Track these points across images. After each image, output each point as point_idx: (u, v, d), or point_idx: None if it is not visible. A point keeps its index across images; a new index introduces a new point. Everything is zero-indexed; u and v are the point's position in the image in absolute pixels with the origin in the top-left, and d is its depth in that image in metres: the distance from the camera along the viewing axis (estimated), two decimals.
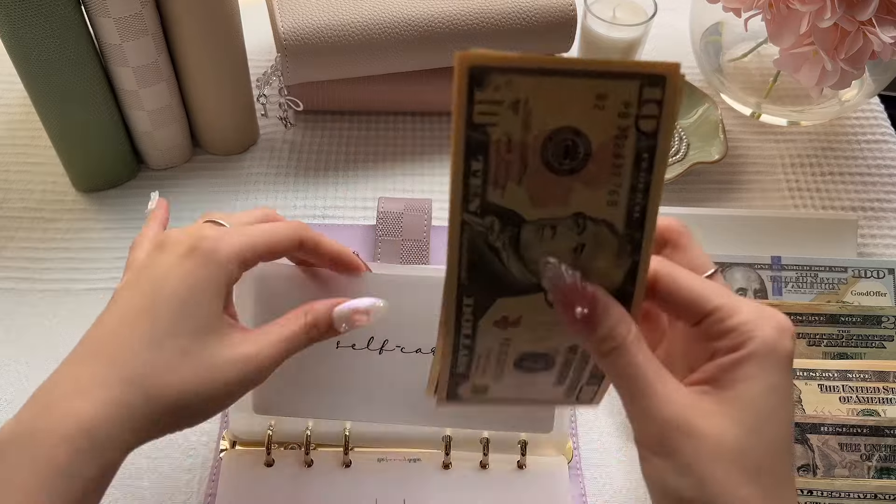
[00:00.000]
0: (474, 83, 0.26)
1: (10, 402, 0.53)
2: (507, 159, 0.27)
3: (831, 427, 0.48)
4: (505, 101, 0.26)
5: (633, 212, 0.29)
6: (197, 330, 0.36)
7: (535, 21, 0.65)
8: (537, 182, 0.28)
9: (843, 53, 0.56)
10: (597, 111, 0.26)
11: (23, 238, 0.62)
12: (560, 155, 0.27)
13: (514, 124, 0.27)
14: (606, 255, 0.29)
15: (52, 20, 0.53)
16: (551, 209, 0.28)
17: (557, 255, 0.29)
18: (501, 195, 0.28)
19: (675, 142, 0.68)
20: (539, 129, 0.27)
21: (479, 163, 0.28)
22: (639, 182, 0.28)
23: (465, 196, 0.28)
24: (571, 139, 0.27)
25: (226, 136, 0.67)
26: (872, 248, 0.64)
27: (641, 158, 0.27)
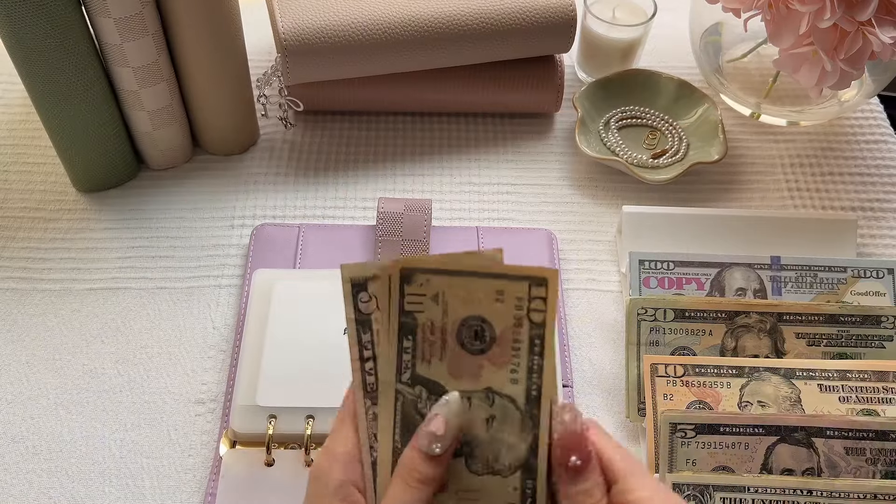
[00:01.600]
0: (404, 280, 0.33)
1: (10, 403, 0.53)
2: (431, 339, 0.34)
3: (836, 431, 0.48)
4: (428, 294, 0.33)
5: (531, 390, 0.34)
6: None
7: (534, 21, 0.65)
8: (455, 359, 0.34)
9: (842, 54, 0.56)
10: (498, 304, 0.33)
11: (23, 238, 0.62)
12: (471, 337, 0.34)
13: (435, 312, 0.34)
14: (512, 428, 0.34)
15: (52, 20, 0.54)
16: (466, 383, 0.34)
17: (473, 425, 0.34)
18: (427, 368, 0.34)
19: (674, 142, 0.69)
20: (454, 316, 0.34)
21: (409, 342, 0.34)
22: (533, 364, 0.34)
23: (399, 368, 0.34)
24: (480, 325, 0.34)
25: (226, 136, 0.67)
26: (872, 248, 0.64)
27: (534, 344, 0.34)
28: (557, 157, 0.69)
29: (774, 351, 0.54)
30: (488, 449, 0.34)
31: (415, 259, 0.34)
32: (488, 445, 0.34)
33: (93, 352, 0.56)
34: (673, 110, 0.70)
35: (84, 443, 0.52)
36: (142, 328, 0.57)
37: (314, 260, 0.60)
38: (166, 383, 0.55)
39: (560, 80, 0.69)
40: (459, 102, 0.70)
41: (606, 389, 0.55)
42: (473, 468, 0.35)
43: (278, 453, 0.50)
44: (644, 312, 0.54)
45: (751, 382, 0.51)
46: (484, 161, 0.69)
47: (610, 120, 0.70)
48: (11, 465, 0.51)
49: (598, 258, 0.62)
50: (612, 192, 0.67)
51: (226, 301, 0.59)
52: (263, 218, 0.64)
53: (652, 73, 0.71)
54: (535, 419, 0.34)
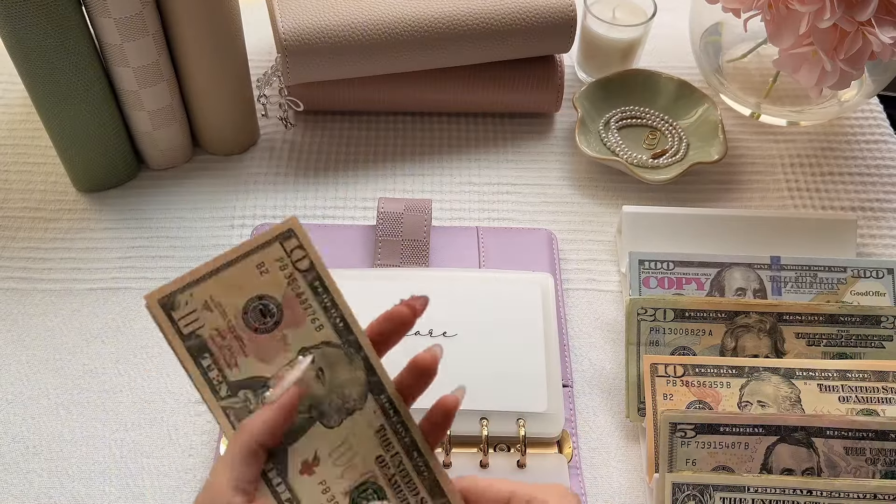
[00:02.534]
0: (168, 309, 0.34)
1: (10, 402, 0.53)
2: (226, 345, 0.34)
3: (836, 431, 0.48)
4: (197, 308, 0.34)
5: (336, 323, 0.35)
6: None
7: (534, 21, 0.65)
8: (257, 347, 0.35)
9: (842, 54, 0.56)
10: (265, 275, 0.35)
11: (24, 238, 0.62)
12: (260, 317, 0.35)
13: (214, 318, 0.34)
14: (342, 366, 0.36)
15: (52, 20, 0.54)
16: (280, 359, 0.35)
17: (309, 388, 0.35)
18: (238, 372, 0.35)
19: (674, 142, 0.69)
20: (233, 310, 0.34)
21: (207, 359, 0.34)
22: (325, 303, 0.35)
23: (213, 389, 0.35)
24: (261, 304, 0.35)
25: (226, 136, 0.67)
26: (872, 248, 0.64)
27: (315, 287, 0.35)
28: (557, 157, 0.69)
29: (774, 351, 0.54)
30: (333, 397, 0.35)
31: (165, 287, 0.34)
32: (332, 394, 0.35)
33: (93, 352, 0.56)
34: (673, 110, 0.70)
35: (84, 442, 0.52)
36: (142, 328, 0.57)
37: None
38: (166, 383, 0.55)
39: (560, 80, 0.69)
40: (459, 102, 0.70)
41: (606, 389, 0.55)
42: (331, 423, 0.36)
43: None
44: (644, 312, 0.54)
45: (751, 382, 0.51)
46: (484, 161, 0.69)
47: (610, 120, 0.70)
48: (11, 465, 0.51)
49: (598, 258, 0.62)
50: (612, 192, 0.67)
51: None
52: (263, 218, 0.64)
53: (652, 73, 0.71)
54: (355, 343, 0.35)
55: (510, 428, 0.50)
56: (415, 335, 0.52)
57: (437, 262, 0.60)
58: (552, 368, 0.52)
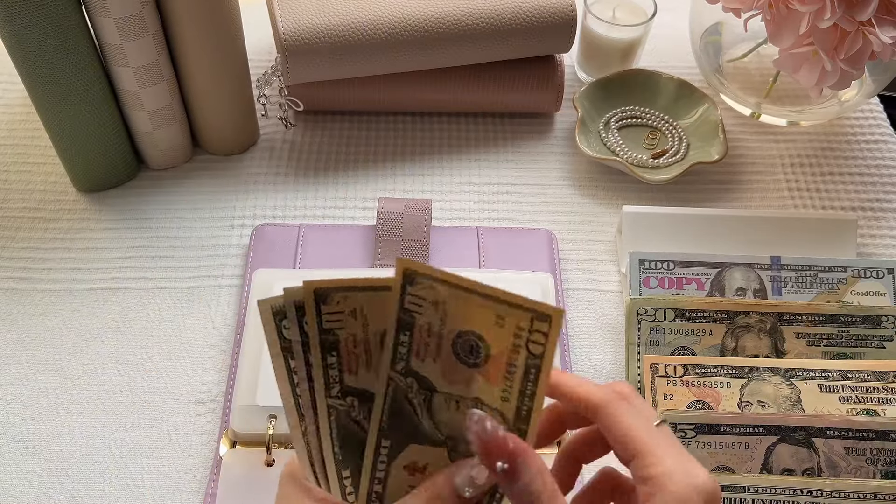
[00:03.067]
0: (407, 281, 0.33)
1: (10, 403, 0.53)
2: (426, 342, 0.34)
3: (836, 431, 0.48)
4: (428, 299, 0.33)
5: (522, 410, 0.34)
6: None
7: (534, 21, 0.65)
8: (447, 365, 0.34)
9: (842, 54, 0.56)
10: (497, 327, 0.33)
11: (23, 238, 0.62)
12: (466, 351, 0.34)
13: (434, 318, 0.34)
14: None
15: (52, 20, 0.54)
16: (457, 388, 0.34)
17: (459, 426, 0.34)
18: (421, 365, 0.34)
19: (674, 142, 0.69)
20: (451, 327, 0.34)
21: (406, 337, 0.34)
22: (526, 389, 0.34)
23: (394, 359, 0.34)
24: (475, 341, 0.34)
25: (226, 136, 0.67)
26: (872, 248, 0.64)
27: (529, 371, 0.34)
28: (557, 157, 0.69)
29: (774, 351, 0.54)
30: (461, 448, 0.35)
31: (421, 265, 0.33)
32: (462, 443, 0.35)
33: (93, 352, 0.56)
34: (673, 110, 0.70)
35: (84, 443, 0.52)
36: (142, 328, 0.57)
37: (314, 260, 0.60)
38: (166, 383, 0.55)
39: (560, 80, 0.69)
40: (459, 102, 0.70)
41: None
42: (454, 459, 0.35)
43: (278, 453, 0.50)
44: (644, 312, 0.54)
45: (751, 382, 0.51)
46: (484, 161, 0.69)
47: (610, 120, 0.70)
48: (11, 465, 0.51)
49: (598, 258, 0.62)
50: (612, 192, 0.67)
51: (226, 301, 0.59)
52: (263, 218, 0.64)
53: (652, 73, 0.71)
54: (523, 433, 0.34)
55: None
56: None
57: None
58: None
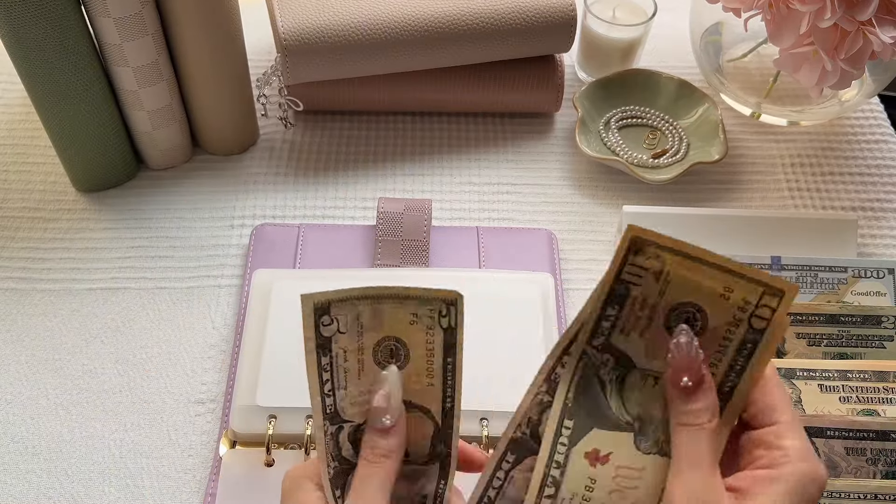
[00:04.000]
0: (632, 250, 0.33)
1: (10, 403, 0.53)
2: (637, 314, 0.33)
3: (837, 431, 0.48)
4: (651, 269, 0.33)
5: (725, 386, 0.33)
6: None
7: (534, 21, 0.65)
8: (655, 339, 0.33)
9: (842, 53, 0.56)
10: (721, 299, 0.32)
11: (23, 238, 0.62)
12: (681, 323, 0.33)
13: (652, 289, 0.33)
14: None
15: (52, 20, 0.54)
16: (659, 363, 0.34)
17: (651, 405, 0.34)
18: (625, 340, 0.34)
19: (674, 141, 0.68)
20: (670, 298, 0.33)
21: (613, 310, 0.34)
22: (737, 364, 0.33)
23: (594, 332, 0.34)
24: (694, 313, 0.33)
25: (226, 136, 0.67)
26: (872, 248, 0.64)
27: (745, 346, 0.33)
28: (557, 157, 0.69)
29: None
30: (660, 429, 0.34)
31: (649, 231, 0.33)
32: (661, 425, 0.34)
33: (93, 352, 0.56)
34: (673, 110, 0.70)
35: (84, 443, 0.52)
36: (142, 328, 0.57)
37: (314, 260, 0.60)
38: (166, 383, 0.54)
39: (560, 80, 0.69)
40: (459, 102, 0.70)
41: None
42: (642, 446, 0.34)
43: (278, 453, 0.50)
44: None
45: None
46: (484, 161, 0.69)
47: (610, 120, 0.70)
48: (11, 465, 0.51)
49: (598, 258, 0.62)
50: (612, 192, 0.67)
51: (226, 301, 0.59)
52: (263, 218, 0.64)
53: (652, 73, 0.71)
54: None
55: None
56: None
57: (437, 262, 0.60)
58: None
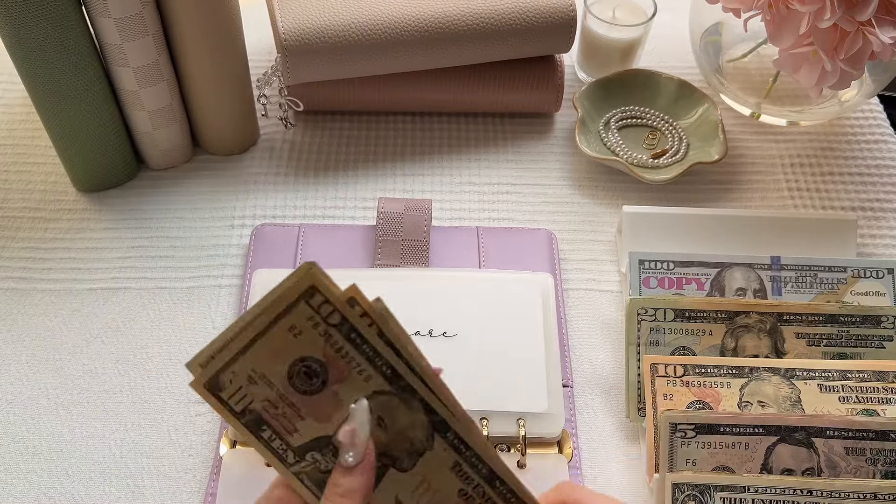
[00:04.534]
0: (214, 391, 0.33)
1: (10, 403, 0.53)
2: (280, 413, 0.34)
3: (836, 431, 0.48)
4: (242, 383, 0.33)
5: (385, 372, 0.34)
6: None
7: (534, 21, 0.65)
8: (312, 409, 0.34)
9: (842, 54, 0.56)
10: (299, 338, 0.33)
11: (23, 238, 0.62)
12: (306, 380, 0.34)
13: (262, 389, 0.33)
14: (401, 411, 0.35)
15: (52, 20, 0.54)
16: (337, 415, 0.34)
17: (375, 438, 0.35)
18: (299, 437, 0.34)
19: (674, 142, 0.69)
20: (278, 378, 0.33)
21: (266, 431, 0.34)
22: (367, 353, 0.34)
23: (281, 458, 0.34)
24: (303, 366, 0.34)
25: (226, 136, 0.67)
26: (872, 248, 0.64)
27: (353, 340, 0.33)
28: (557, 157, 0.69)
29: (774, 351, 0.54)
30: (400, 441, 0.35)
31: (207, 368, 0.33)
32: (398, 439, 0.35)
33: (93, 352, 0.56)
34: (673, 110, 0.70)
35: (84, 443, 0.52)
36: (142, 328, 0.57)
37: (314, 260, 0.60)
38: (166, 383, 0.55)
39: (560, 80, 0.69)
40: (459, 102, 0.70)
41: (606, 389, 0.55)
42: (404, 466, 0.35)
43: None
44: (644, 312, 0.54)
45: (751, 382, 0.51)
46: (484, 161, 0.69)
47: (610, 120, 0.70)
48: (12, 465, 0.51)
49: (598, 258, 0.62)
50: (612, 192, 0.67)
51: (226, 301, 0.59)
52: (263, 218, 0.64)
53: (652, 73, 0.71)
54: (408, 388, 0.34)
55: (510, 428, 0.50)
56: (414, 335, 0.52)
57: (437, 262, 0.60)
58: (552, 368, 0.52)
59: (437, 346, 0.52)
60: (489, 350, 0.53)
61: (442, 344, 0.53)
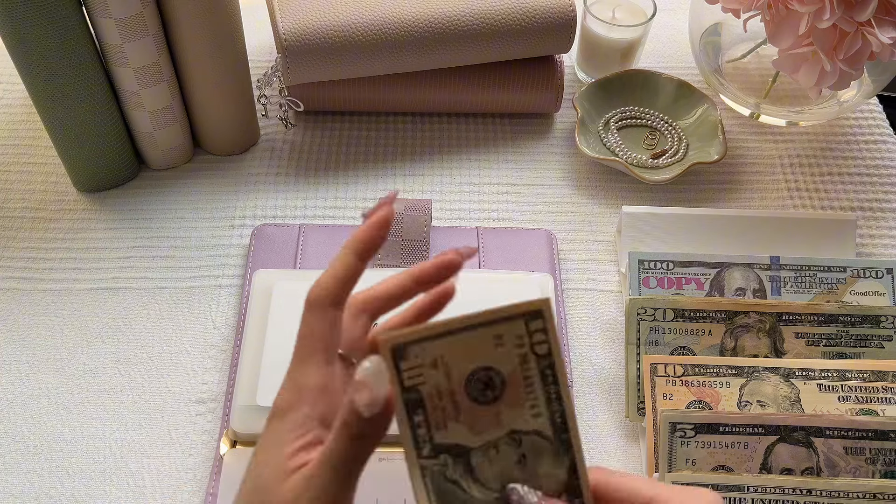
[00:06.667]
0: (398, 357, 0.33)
1: (10, 403, 0.53)
2: (441, 405, 0.34)
3: (835, 430, 0.48)
4: (425, 364, 0.33)
5: (555, 418, 0.34)
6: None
7: (534, 22, 0.65)
8: (471, 416, 0.34)
9: (841, 54, 0.56)
10: (499, 349, 0.33)
11: (24, 238, 0.62)
12: (482, 389, 0.34)
13: (438, 377, 0.33)
14: (547, 459, 0.35)
15: (53, 21, 0.54)
16: (489, 433, 0.34)
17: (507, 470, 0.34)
18: (445, 435, 0.34)
19: (674, 142, 0.69)
20: (458, 375, 0.33)
21: (419, 416, 0.34)
22: (551, 394, 0.34)
23: (417, 445, 0.34)
24: (487, 375, 0.34)
25: (226, 136, 0.67)
26: (871, 248, 0.64)
27: (546, 374, 0.34)
28: (557, 157, 0.69)
29: (774, 351, 0.54)
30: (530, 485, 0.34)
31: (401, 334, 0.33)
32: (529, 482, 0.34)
33: (93, 351, 0.56)
34: (672, 110, 0.70)
35: (84, 442, 0.52)
36: (142, 328, 0.57)
37: (314, 260, 0.60)
38: (167, 383, 0.55)
39: (560, 80, 0.69)
40: (459, 102, 0.70)
41: (606, 389, 0.55)
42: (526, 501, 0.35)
43: None
44: (644, 312, 0.54)
45: (750, 382, 0.51)
46: (484, 161, 0.69)
47: (610, 120, 0.70)
48: (12, 465, 0.51)
49: (598, 258, 0.62)
50: (612, 192, 0.67)
51: (226, 301, 0.59)
52: (264, 218, 0.64)
53: (652, 74, 0.71)
54: (567, 443, 0.34)
55: None
56: None
57: None
58: None
59: None
60: None
61: None
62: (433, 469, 0.34)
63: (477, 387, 0.34)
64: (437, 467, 0.34)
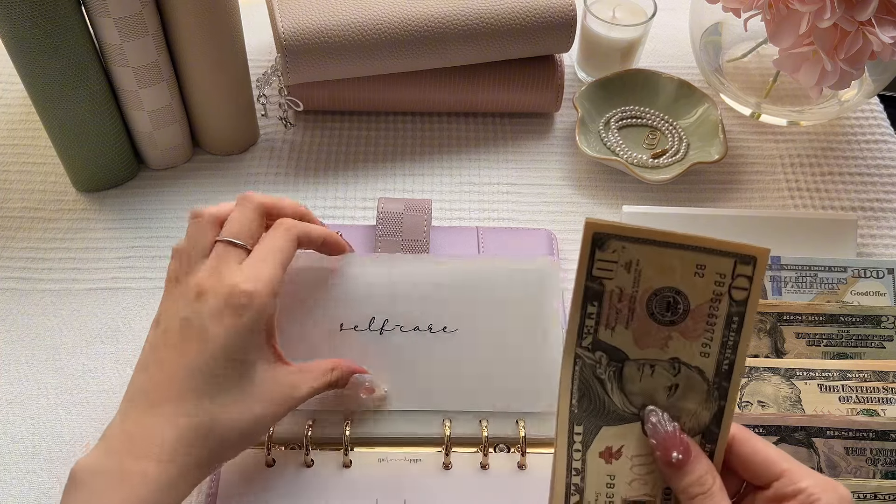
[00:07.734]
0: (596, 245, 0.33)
1: (10, 403, 0.53)
2: (617, 307, 0.33)
3: (836, 431, 0.48)
4: (620, 262, 0.33)
5: (723, 364, 0.34)
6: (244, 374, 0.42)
7: (534, 21, 0.65)
8: (641, 328, 0.34)
9: (842, 54, 0.56)
10: (696, 278, 0.33)
11: (23, 238, 0.62)
12: (663, 308, 0.33)
13: (626, 280, 0.33)
14: (696, 397, 0.34)
15: (52, 20, 0.54)
16: (652, 352, 0.34)
17: (654, 392, 0.34)
18: (611, 335, 0.34)
19: (674, 141, 0.69)
20: (647, 286, 0.33)
21: (594, 307, 0.33)
22: (728, 339, 0.33)
23: (580, 333, 0.34)
24: (673, 297, 0.33)
25: (226, 136, 0.67)
26: (872, 248, 0.64)
27: (732, 321, 0.33)
28: (557, 157, 0.69)
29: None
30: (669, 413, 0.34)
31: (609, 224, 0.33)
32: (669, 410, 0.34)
33: (93, 352, 0.56)
34: (673, 110, 0.70)
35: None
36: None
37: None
38: None
39: (560, 80, 0.69)
40: (459, 102, 0.70)
41: None
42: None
43: (278, 453, 0.50)
44: None
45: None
46: (484, 161, 0.69)
47: (610, 120, 0.70)
48: (12, 465, 0.51)
49: None
50: (612, 192, 0.67)
51: None
52: None
53: (652, 73, 0.71)
54: (724, 391, 0.34)
55: (510, 428, 0.50)
56: (414, 331, 0.52)
57: None
58: (552, 369, 0.52)
59: (437, 344, 0.52)
60: (489, 349, 0.52)
61: (442, 340, 0.52)
62: (586, 361, 0.34)
63: (660, 304, 0.33)
64: (590, 361, 0.34)
